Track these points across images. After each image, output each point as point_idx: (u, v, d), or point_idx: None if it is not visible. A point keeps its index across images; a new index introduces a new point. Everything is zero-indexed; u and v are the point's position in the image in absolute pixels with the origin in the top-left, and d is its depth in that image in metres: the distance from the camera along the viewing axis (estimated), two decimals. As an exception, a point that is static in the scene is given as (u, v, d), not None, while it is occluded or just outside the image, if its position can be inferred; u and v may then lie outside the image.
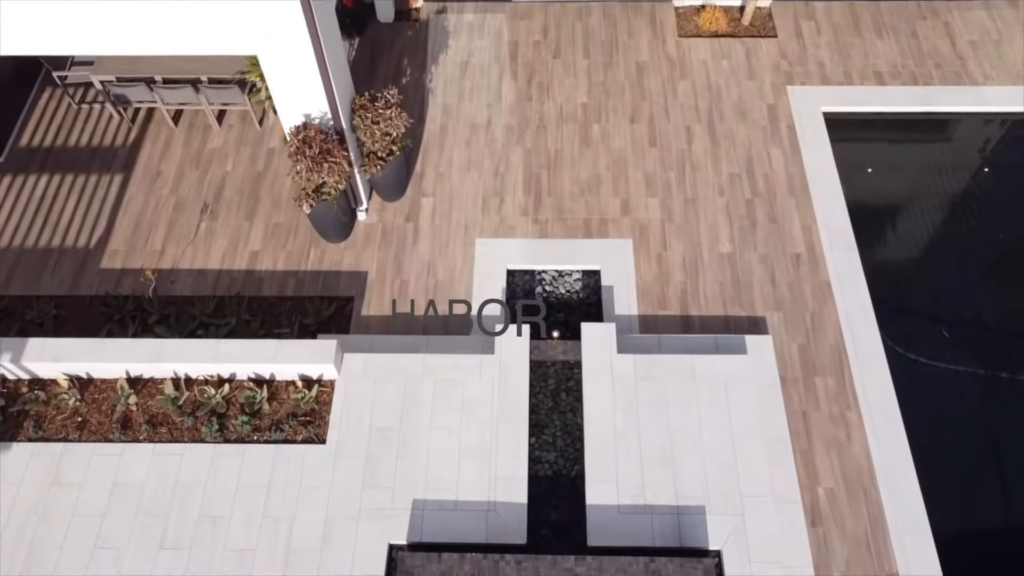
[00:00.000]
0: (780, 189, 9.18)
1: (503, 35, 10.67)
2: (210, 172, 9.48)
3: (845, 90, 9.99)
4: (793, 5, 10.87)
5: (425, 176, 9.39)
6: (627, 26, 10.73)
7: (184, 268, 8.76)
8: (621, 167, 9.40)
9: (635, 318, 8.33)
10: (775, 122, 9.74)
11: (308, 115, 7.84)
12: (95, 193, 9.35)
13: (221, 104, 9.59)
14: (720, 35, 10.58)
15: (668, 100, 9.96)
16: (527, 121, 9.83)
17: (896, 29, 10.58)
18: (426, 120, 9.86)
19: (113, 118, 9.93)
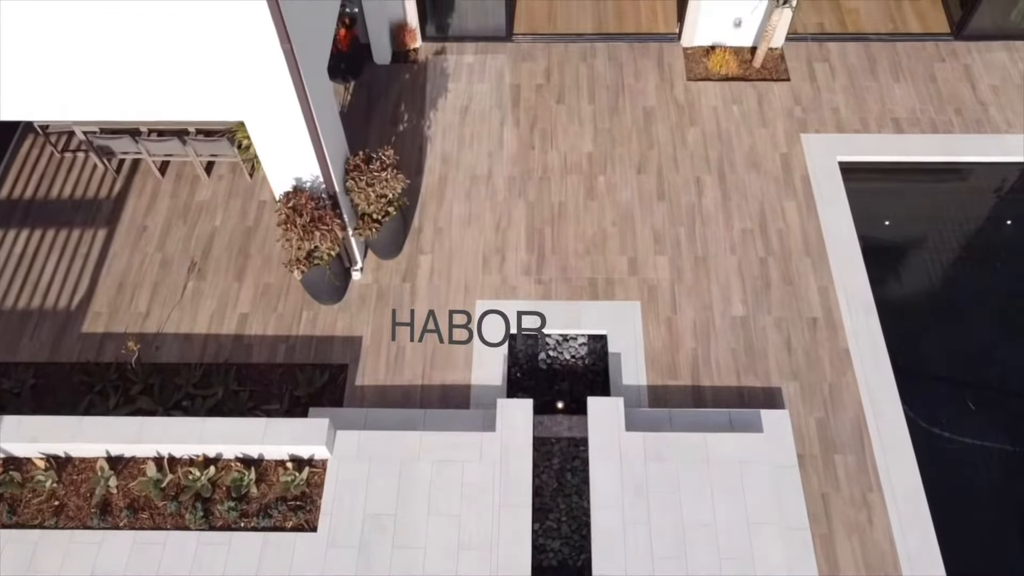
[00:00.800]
0: (795, 246, 8.75)
1: (504, 78, 10.25)
2: (198, 227, 9.06)
3: (861, 138, 9.57)
4: (806, 46, 10.44)
5: (423, 232, 8.97)
6: (634, 68, 10.31)
7: (170, 332, 8.34)
8: (628, 222, 8.98)
9: (644, 388, 7.91)
10: (789, 173, 9.31)
11: (299, 179, 7.42)
12: (78, 249, 8.93)
13: (209, 156, 9.17)
14: (731, 78, 10.16)
15: (677, 149, 9.54)
16: (530, 172, 9.41)
17: (914, 72, 10.15)
18: (424, 171, 9.44)
19: (97, 168, 9.51)
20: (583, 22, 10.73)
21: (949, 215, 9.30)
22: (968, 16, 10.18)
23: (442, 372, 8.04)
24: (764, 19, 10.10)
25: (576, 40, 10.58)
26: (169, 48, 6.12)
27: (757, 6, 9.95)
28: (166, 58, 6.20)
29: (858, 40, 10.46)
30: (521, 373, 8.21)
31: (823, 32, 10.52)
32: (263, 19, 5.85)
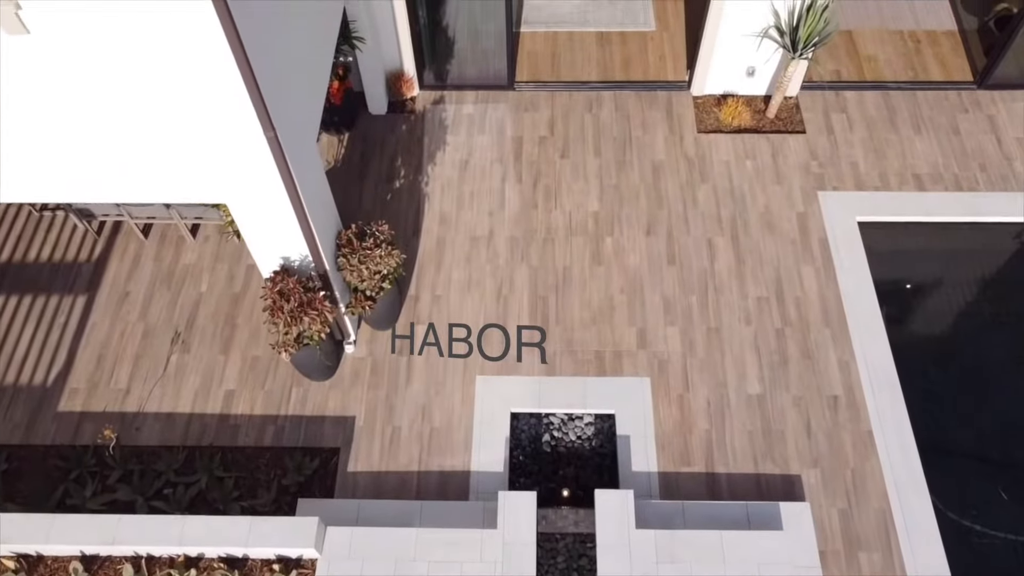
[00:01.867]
0: (813, 317, 8.27)
1: (506, 130, 9.77)
2: (183, 293, 8.58)
3: (881, 196, 9.09)
4: (823, 95, 9.96)
5: (420, 300, 8.49)
6: (641, 119, 9.83)
7: (151, 411, 7.86)
8: (636, 289, 8.50)
9: (655, 476, 7.43)
10: (806, 235, 8.83)
11: (286, 258, 6.95)
12: (55, 318, 8.45)
13: (195, 219, 8.70)
14: (743, 130, 9.67)
15: (688, 208, 9.06)
16: (533, 233, 8.93)
17: (936, 124, 9.67)
18: (422, 232, 8.96)
19: (78, 229, 9.03)
20: (588, 69, 10.25)
21: (977, 278, 8.82)
22: (993, 64, 9.70)
23: (440, 457, 7.56)
24: (778, 69, 9.63)
25: (581, 88, 10.10)
26: (146, 131, 5.65)
27: (771, 57, 9.48)
28: (142, 141, 5.73)
29: (877, 89, 9.98)
30: (524, 456, 7.74)
31: (840, 80, 10.04)
32: (245, 108, 5.38)
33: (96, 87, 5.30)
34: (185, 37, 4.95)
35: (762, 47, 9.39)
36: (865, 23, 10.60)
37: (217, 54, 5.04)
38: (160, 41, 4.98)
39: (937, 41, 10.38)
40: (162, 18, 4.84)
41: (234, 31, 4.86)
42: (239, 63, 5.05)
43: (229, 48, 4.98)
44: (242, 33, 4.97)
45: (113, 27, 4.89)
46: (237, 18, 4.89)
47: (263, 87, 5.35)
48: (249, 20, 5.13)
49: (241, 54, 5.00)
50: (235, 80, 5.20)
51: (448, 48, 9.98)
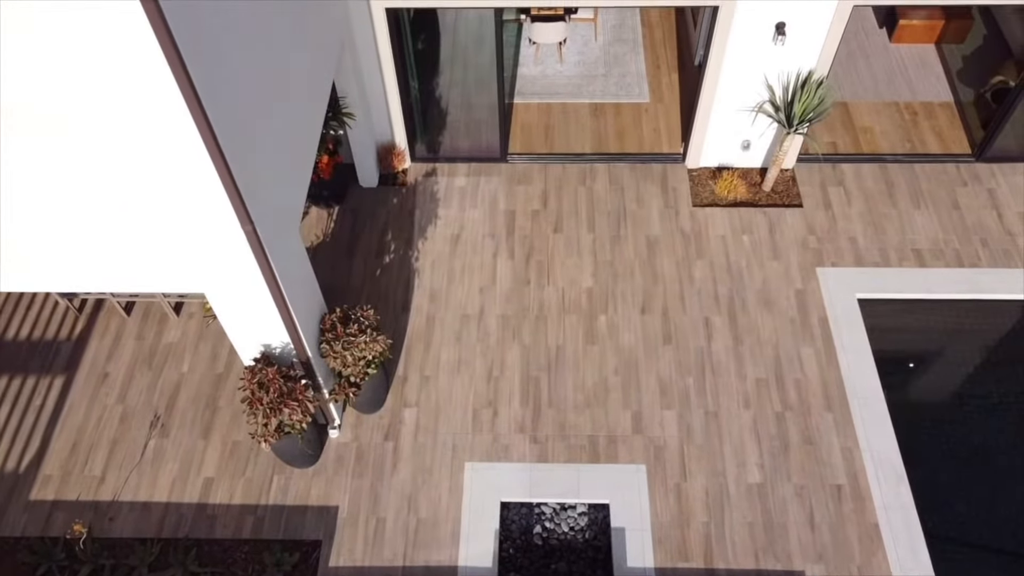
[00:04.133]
0: (815, 400, 8.00)
1: (499, 203, 9.62)
2: (164, 374, 8.33)
3: (882, 273, 8.89)
4: (819, 168, 9.84)
5: (408, 381, 8.23)
6: (636, 192, 9.69)
7: (126, 500, 7.54)
8: (632, 370, 8.25)
9: (651, 572, 7.07)
10: (805, 313, 8.61)
11: (267, 345, 6.72)
12: (31, 400, 8.18)
13: (178, 297, 8.49)
14: (739, 203, 9.52)
15: (684, 285, 8.85)
16: (525, 310, 8.71)
17: (935, 197, 9.52)
18: (411, 309, 8.74)
19: (59, 305, 8.82)
20: (582, 141, 10.15)
21: (983, 357, 8.57)
22: (991, 137, 9.58)
23: (426, 551, 7.22)
24: (774, 142, 9.52)
25: (575, 160, 9.98)
26: (120, 221, 5.46)
27: (765, 131, 9.38)
28: (117, 232, 5.53)
29: (874, 161, 9.86)
30: (514, 549, 7.39)
31: (836, 152, 9.92)
32: (220, 203, 5.20)
33: (72, 178, 5.13)
34: (158, 130, 4.79)
35: (757, 121, 9.30)
36: (861, 95, 10.54)
37: (191, 150, 4.88)
38: (132, 133, 4.82)
39: (933, 113, 10.30)
40: (133, 111, 4.68)
41: (208, 128, 4.70)
42: (214, 160, 4.89)
43: (204, 145, 4.82)
44: (217, 129, 4.81)
45: (86, 120, 4.73)
46: (211, 112, 4.74)
47: (240, 181, 5.18)
48: (225, 113, 4.98)
49: (216, 151, 4.83)
50: (210, 176, 5.03)
51: (440, 120, 9.89)
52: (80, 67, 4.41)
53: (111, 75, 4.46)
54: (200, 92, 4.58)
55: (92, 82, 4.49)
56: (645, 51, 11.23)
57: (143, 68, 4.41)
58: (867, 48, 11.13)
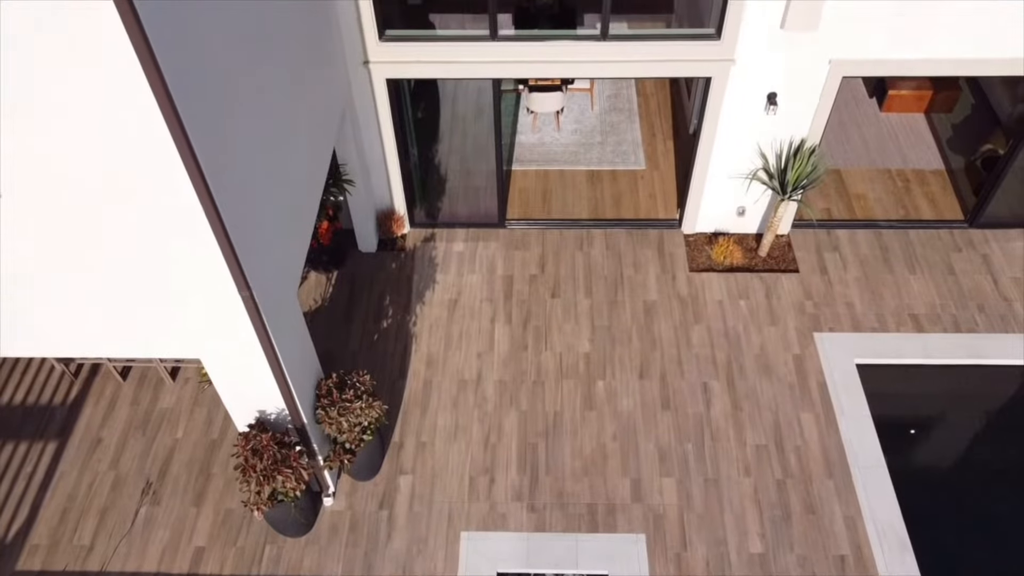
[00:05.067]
0: (816, 467, 7.90)
1: (496, 268, 9.68)
2: (158, 439, 8.24)
3: (880, 338, 8.89)
4: (815, 233, 9.93)
5: (404, 448, 8.15)
6: (633, 258, 9.76)
7: (115, 570, 7.38)
8: (630, 436, 8.17)
9: (652, 647, 6.88)
10: (804, 378, 8.57)
11: (262, 411, 6.67)
12: (23, 466, 8.08)
13: (175, 362, 8.48)
14: (736, 269, 9.58)
15: (681, 350, 8.84)
16: (522, 376, 8.67)
17: (930, 263, 9.58)
18: (408, 375, 8.71)
19: (55, 370, 8.79)
20: (579, 207, 10.28)
21: (984, 423, 8.49)
22: (983, 204, 9.70)
23: (420, 624, 7.04)
24: (768, 208, 9.64)
25: (572, 226, 10.09)
26: (115, 286, 5.49)
27: (760, 197, 9.51)
28: (116, 295, 5.56)
29: (868, 227, 9.96)
30: (511, 622, 7.21)
31: (831, 219, 10.03)
32: (218, 267, 5.24)
33: (73, 244, 5.18)
34: (159, 197, 4.86)
35: (751, 188, 9.43)
36: (853, 162, 10.71)
37: (191, 216, 4.94)
38: (133, 199, 4.89)
39: (925, 180, 10.45)
40: (135, 178, 4.76)
41: (208, 196, 4.77)
42: (213, 226, 4.94)
43: (203, 212, 4.88)
44: (217, 196, 4.89)
45: (89, 188, 4.81)
46: (212, 180, 4.81)
47: (239, 247, 5.23)
48: (226, 180, 5.05)
49: (216, 217, 4.90)
50: (209, 241, 5.08)
51: (439, 186, 10.03)
52: (85, 135, 4.50)
53: (114, 142, 4.54)
54: (201, 161, 4.66)
55: (96, 149, 4.58)
56: (640, 120, 11.46)
57: (147, 137, 4.50)
58: (858, 117, 11.37)
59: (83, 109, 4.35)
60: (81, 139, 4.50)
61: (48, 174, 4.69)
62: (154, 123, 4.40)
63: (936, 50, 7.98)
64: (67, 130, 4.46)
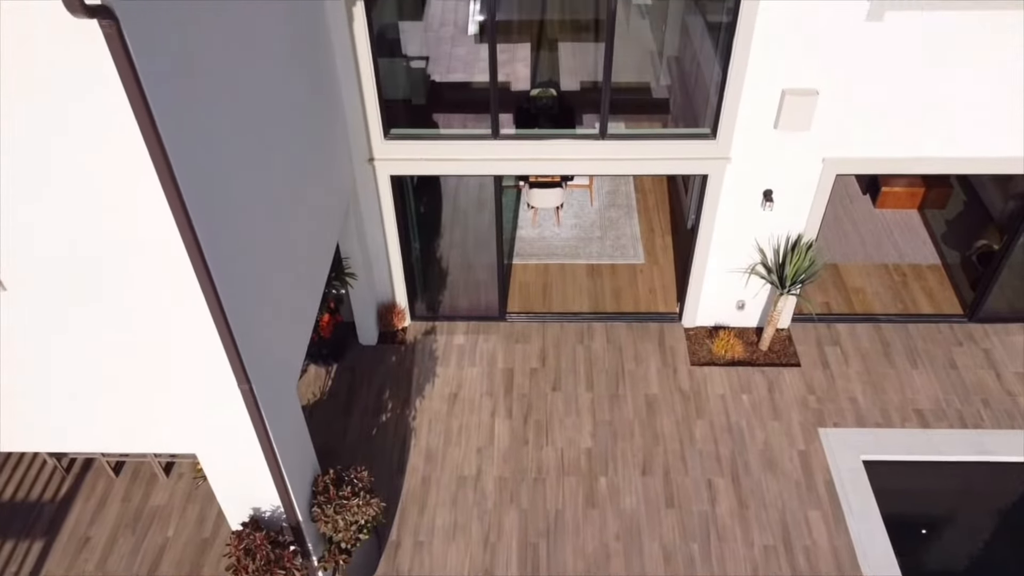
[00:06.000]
0: (826, 568, 7.65)
1: (497, 361, 9.65)
2: (148, 538, 8.01)
3: (885, 433, 8.77)
4: (815, 328, 9.94)
5: (401, 547, 7.91)
6: (633, 351, 9.74)
7: None
8: (634, 535, 7.94)
9: None
10: (810, 475, 8.41)
11: (257, 509, 6.51)
12: (6, 568, 7.82)
13: (169, 457, 8.33)
14: (737, 363, 9.55)
15: (684, 445, 8.71)
16: (523, 471, 8.51)
17: (932, 357, 9.56)
18: (406, 470, 8.54)
19: (47, 465, 8.63)
20: (579, 300, 10.33)
21: (997, 521, 8.27)
22: (981, 299, 9.76)
23: None
24: (768, 302, 9.69)
25: (572, 320, 10.11)
26: (116, 379, 5.45)
27: (759, 291, 9.57)
28: (112, 389, 5.51)
29: (868, 321, 9.98)
30: None
31: (830, 312, 10.07)
32: (218, 359, 5.22)
33: (71, 338, 5.17)
34: (160, 290, 4.88)
35: (750, 282, 9.50)
36: (850, 257, 10.83)
37: (192, 307, 4.95)
38: (134, 292, 4.91)
39: (922, 275, 10.55)
40: (137, 271, 4.79)
41: (212, 288, 4.80)
42: (214, 315, 4.95)
43: (206, 304, 4.90)
44: (219, 286, 4.91)
45: (88, 282, 4.83)
46: (215, 273, 4.84)
47: (240, 340, 5.22)
48: (229, 274, 5.09)
49: (217, 307, 4.91)
50: (210, 334, 5.08)
51: (440, 280, 10.10)
52: (87, 221, 4.55)
53: (116, 229, 4.60)
54: (206, 253, 4.71)
55: (97, 237, 4.62)
56: (639, 215, 11.66)
57: (151, 225, 4.56)
58: (853, 213, 11.56)
59: (88, 196, 4.42)
60: (83, 226, 4.55)
61: (49, 261, 4.73)
62: (160, 213, 4.46)
63: (927, 149, 8.20)
64: (69, 217, 4.52)
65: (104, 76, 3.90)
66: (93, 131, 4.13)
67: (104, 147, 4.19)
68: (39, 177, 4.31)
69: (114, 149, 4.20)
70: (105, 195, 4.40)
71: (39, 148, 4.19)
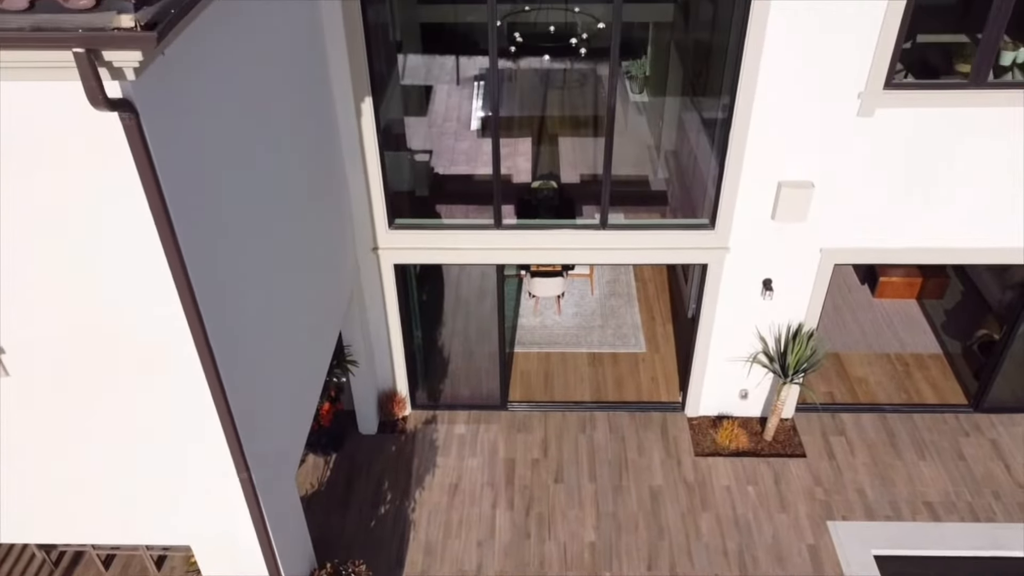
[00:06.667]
0: (841, 671, 7.36)
1: (498, 452, 9.52)
2: (135, 636, 7.73)
3: (896, 527, 8.57)
4: (819, 417, 9.86)
5: (398, 647, 7.63)
6: (637, 442, 9.62)
7: None
8: (640, 635, 7.68)
9: None
10: (820, 569, 8.17)
11: (251, 604, 6.31)
12: (-14, 667, 7.52)
13: (162, 550, 8.12)
14: (742, 453, 9.42)
15: (690, 539, 8.49)
16: (524, 566, 8.27)
17: (939, 448, 9.44)
18: (405, 564, 8.30)
19: (35, 558, 8.39)
20: (581, 390, 10.28)
21: (1013, 622, 8.01)
22: (985, 388, 9.71)
23: None
24: (771, 391, 9.64)
25: (574, 409, 10.04)
26: (111, 469, 5.37)
27: (762, 380, 9.54)
28: (107, 479, 5.42)
29: (872, 411, 9.90)
30: None
31: (834, 402, 10.00)
32: (218, 447, 5.16)
33: (68, 430, 5.13)
34: (160, 371, 4.87)
35: (753, 371, 9.48)
36: (852, 347, 10.84)
37: (195, 394, 4.93)
38: (133, 383, 4.90)
39: (925, 364, 10.53)
40: (139, 361, 4.79)
41: (215, 372, 4.79)
42: (217, 402, 4.92)
43: (208, 389, 4.88)
44: (223, 372, 4.90)
45: (85, 364, 4.83)
46: (219, 356, 4.85)
47: (240, 426, 5.18)
48: (233, 361, 5.09)
49: (220, 394, 4.89)
50: (211, 419, 5.04)
51: (441, 368, 10.08)
52: (94, 310, 4.59)
53: (124, 318, 4.62)
54: (213, 345, 4.72)
55: (103, 325, 4.65)
56: (640, 304, 11.73)
57: (160, 315, 4.59)
58: (852, 303, 11.64)
59: (95, 285, 4.46)
60: (88, 314, 4.58)
61: (53, 350, 4.74)
62: (169, 304, 4.50)
63: (923, 240, 8.32)
64: (74, 305, 4.55)
65: (122, 168, 4.00)
66: (105, 221, 4.21)
67: (115, 236, 4.27)
68: (47, 264, 4.37)
69: (125, 238, 4.27)
70: (113, 285, 4.45)
71: (48, 233, 4.26)
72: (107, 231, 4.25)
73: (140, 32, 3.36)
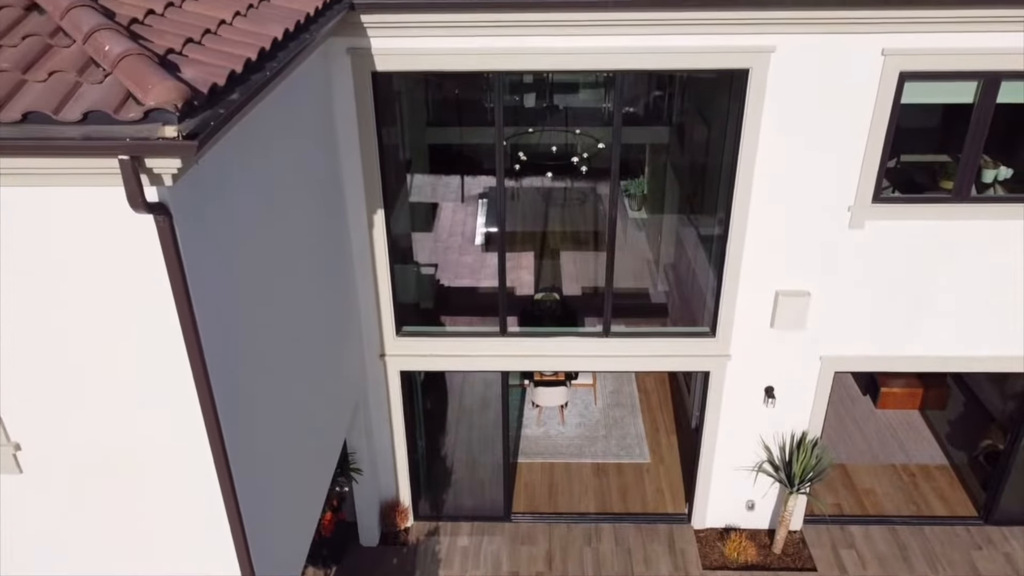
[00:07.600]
0: None
1: (502, 564, 9.31)
2: None
3: (913, 645, 8.30)
4: (828, 529, 9.70)
5: None
6: (643, 554, 9.43)
7: None
8: None
9: None
10: None
11: None
12: None
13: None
14: (751, 567, 9.21)
15: (701, 658, 8.21)
16: None
17: (951, 561, 9.24)
18: None
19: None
20: (586, 501, 10.16)
21: None
22: (993, 500, 9.61)
23: None
24: (778, 502, 9.53)
25: (579, 520, 9.89)
26: (113, 569, 5.31)
27: (768, 490, 9.46)
28: None
29: (882, 523, 9.76)
30: None
31: (843, 514, 9.87)
32: (228, 558, 5.12)
33: (75, 529, 5.12)
34: (174, 479, 4.91)
35: (759, 481, 9.41)
36: (856, 458, 10.78)
37: (207, 503, 4.94)
38: (146, 492, 4.93)
39: (932, 475, 10.45)
40: (153, 467, 4.85)
41: (230, 482, 4.84)
42: (229, 513, 4.93)
43: (222, 499, 4.90)
44: (236, 482, 4.94)
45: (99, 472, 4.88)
46: (235, 471, 4.90)
47: (251, 540, 5.16)
48: (244, 469, 5.14)
49: (233, 504, 4.91)
50: (222, 529, 5.03)
51: (445, 478, 10.00)
52: (109, 421, 4.68)
53: (138, 428, 4.71)
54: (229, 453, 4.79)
55: (119, 435, 4.73)
56: (643, 414, 11.75)
57: (179, 429, 4.68)
58: (855, 413, 11.65)
59: (117, 388, 4.58)
60: (107, 418, 4.67)
61: (70, 450, 4.80)
62: (188, 409, 4.59)
63: (921, 348, 8.46)
64: (95, 407, 4.65)
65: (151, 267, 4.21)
66: (130, 325, 4.38)
67: (139, 341, 4.42)
68: (67, 364, 4.50)
69: (150, 344, 4.42)
70: (136, 390, 4.56)
71: (69, 335, 4.41)
72: (133, 334, 4.40)
73: (182, 141, 3.65)
